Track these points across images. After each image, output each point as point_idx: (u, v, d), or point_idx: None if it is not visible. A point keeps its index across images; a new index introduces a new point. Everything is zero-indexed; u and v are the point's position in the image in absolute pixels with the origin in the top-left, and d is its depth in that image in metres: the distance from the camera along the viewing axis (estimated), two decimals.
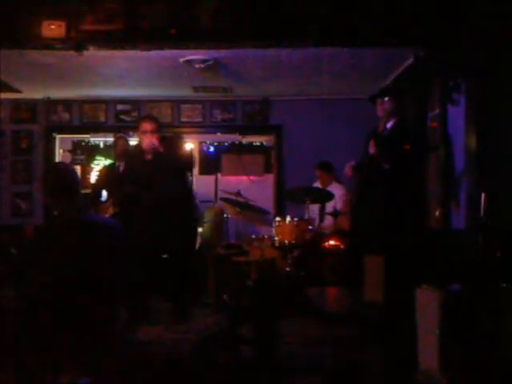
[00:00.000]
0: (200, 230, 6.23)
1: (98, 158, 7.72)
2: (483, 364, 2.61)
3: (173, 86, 6.76)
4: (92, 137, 7.67)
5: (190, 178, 5.61)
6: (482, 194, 3.80)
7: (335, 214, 5.56)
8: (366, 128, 4.67)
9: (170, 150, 4.59)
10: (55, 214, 2.91)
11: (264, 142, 7.77)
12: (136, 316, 2.97)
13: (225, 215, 6.65)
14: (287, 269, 5.02)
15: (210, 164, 7.71)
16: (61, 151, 7.67)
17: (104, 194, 5.53)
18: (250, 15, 4.52)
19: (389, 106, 4.41)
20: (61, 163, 5.10)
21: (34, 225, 6.72)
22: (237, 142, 7.79)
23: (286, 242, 5.09)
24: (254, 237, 5.52)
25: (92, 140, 7.75)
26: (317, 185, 6.07)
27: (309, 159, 6.43)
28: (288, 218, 5.21)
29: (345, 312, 3.72)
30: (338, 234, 5.43)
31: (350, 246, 5.07)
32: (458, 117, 4.49)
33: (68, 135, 7.63)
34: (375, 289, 3.61)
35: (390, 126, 4.42)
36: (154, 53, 4.95)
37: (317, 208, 5.94)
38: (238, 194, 6.13)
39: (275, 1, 4.53)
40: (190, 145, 7.42)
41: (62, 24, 4.49)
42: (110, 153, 6.39)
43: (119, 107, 7.39)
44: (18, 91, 6.90)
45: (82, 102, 7.35)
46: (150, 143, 4.55)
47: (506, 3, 4.08)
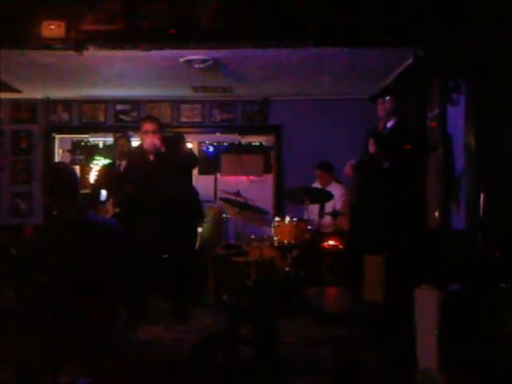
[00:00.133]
0: (199, 229, 6.23)
1: (98, 158, 7.69)
2: (482, 364, 2.61)
3: (172, 86, 6.76)
4: (91, 137, 7.66)
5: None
6: (482, 194, 3.81)
7: (334, 214, 5.56)
8: (366, 128, 4.68)
9: (172, 149, 4.58)
10: (55, 213, 2.91)
11: (263, 142, 7.76)
12: (136, 316, 2.97)
13: (224, 215, 6.65)
14: (286, 269, 5.02)
15: (209, 164, 7.69)
16: (60, 151, 7.65)
17: (103, 193, 5.51)
18: (250, 15, 4.53)
19: (389, 105, 4.42)
20: (60, 163, 5.09)
21: (34, 225, 6.71)
22: (236, 142, 7.78)
23: (286, 242, 5.10)
24: (253, 237, 5.53)
25: (91, 140, 7.74)
26: (316, 185, 6.07)
27: (308, 159, 6.43)
28: (287, 218, 5.22)
29: (344, 312, 3.73)
30: (337, 234, 5.44)
31: (350, 245, 5.08)
32: (457, 117, 4.49)
33: (67, 135, 7.62)
34: (375, 289, 3.62)
35: (390, 125, 4.43)
36: (154, 53, 4.95)
37: (316, 208, 5.94)
38: (237, 194, 6.12)
39: (275, 1, 4.54)
40: (189, 145, 7.41)
41: (62, 24, 4.50)
42: (110, 153, 6.38)
43: (119, 107, 7.38)
44: (18, 91, 6.89)
45: (82, 101, 7.34)
46: (151, 143, 4.54)
47: (506, 3, 4.09)
